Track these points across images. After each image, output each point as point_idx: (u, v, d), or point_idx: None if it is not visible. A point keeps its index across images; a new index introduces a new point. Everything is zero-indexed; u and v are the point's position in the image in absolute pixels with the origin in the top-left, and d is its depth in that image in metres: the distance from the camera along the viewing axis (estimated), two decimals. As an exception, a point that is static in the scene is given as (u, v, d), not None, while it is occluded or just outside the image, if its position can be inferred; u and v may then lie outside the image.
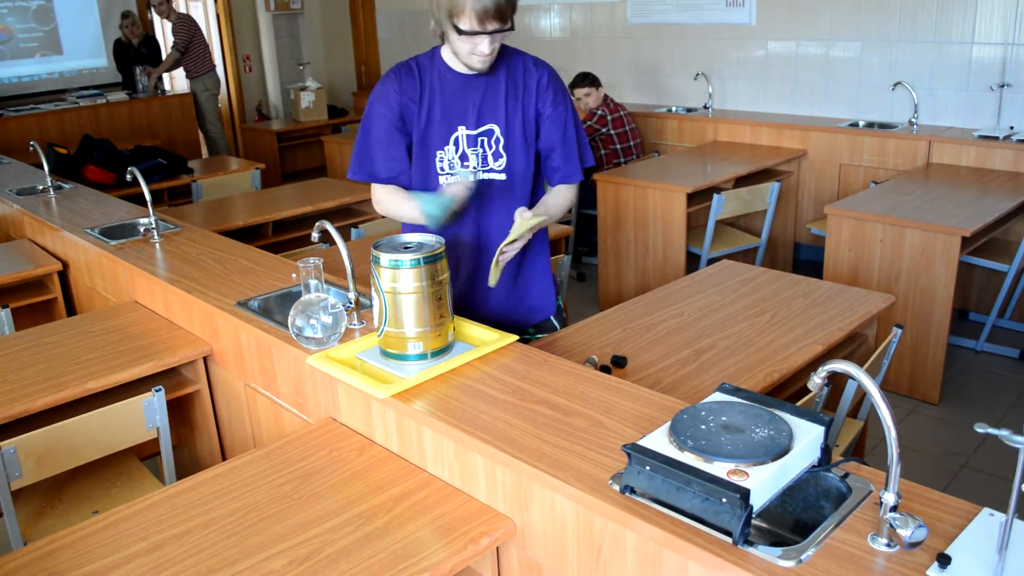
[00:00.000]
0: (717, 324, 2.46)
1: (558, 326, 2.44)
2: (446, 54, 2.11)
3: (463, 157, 2.13)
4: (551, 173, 2.22)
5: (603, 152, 5.33)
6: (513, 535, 1.63)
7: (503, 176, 2.15)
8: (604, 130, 5.27)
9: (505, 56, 2.12)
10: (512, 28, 1.97)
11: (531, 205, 2.21)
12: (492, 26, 1.93)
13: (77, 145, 5.41)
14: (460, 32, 1.94)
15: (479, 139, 2.12)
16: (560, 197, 2.23)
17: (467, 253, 2.22)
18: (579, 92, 5.29)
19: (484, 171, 2.15)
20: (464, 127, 2.12)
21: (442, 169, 2.14)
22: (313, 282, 2.08)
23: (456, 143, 2.13)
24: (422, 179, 2.15)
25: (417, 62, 2.14)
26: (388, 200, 2.18)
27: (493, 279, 2.10)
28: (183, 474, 2.08)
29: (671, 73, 6.07)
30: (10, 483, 2.03)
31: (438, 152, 2.13)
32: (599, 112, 5.25)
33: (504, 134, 2.12)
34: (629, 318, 2.54)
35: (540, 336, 2.39)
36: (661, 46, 6.07)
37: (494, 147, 2.13)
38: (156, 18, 8.98)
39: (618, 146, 5.30)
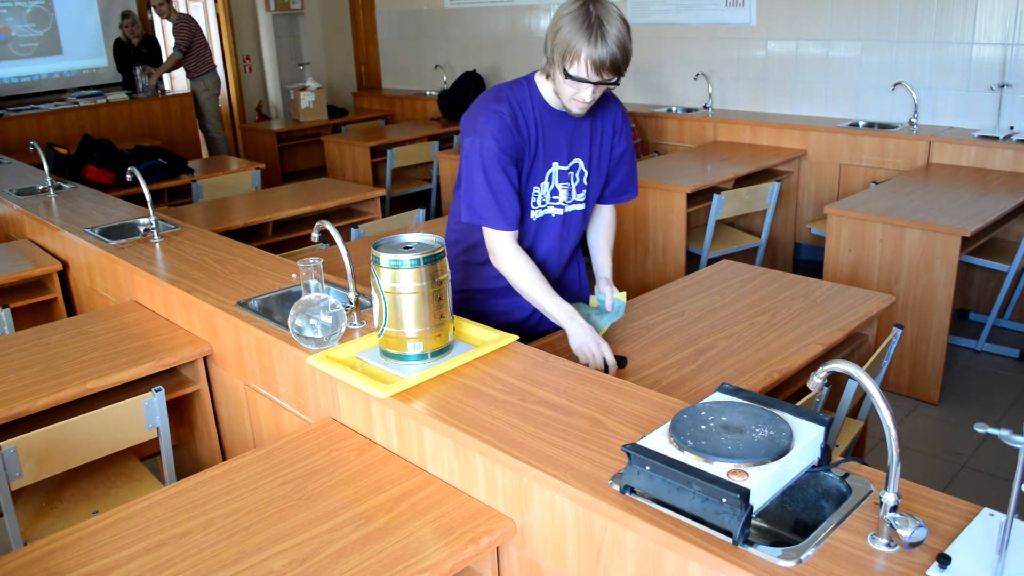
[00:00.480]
0: (717, 324, 2.46)
1: None
2: (544, 88, 2.09)
3: (554, 192, 2.20)
4: (603, 197, 2.34)
5: None
6: (513, 535, 1.63)
7: (583, 206, 2.27)
8: None
9: None
10: (619, 82, 1.97)
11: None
12: (603, 77, 1.91)
13: (77, 145, 5.41)
14: (568, 76, 1.93)
15: (568, 174, 2.19)
16: (611, 226, 2.40)
17: (549, 277, 2.27)
18: None
19: (570, 203, 2.24)
20: (558, 163, 2.16)
21: (534, 204, 2.19)
22: (313, 282, 2.08)
23: (550, 179, 2.18)
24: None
25: (516, 95, 2.08)
26: (526, 274, 2.11)
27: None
28: (183, 474, 2.08)
29: (671, 73, 6.07)
30: (10, 483, 2.03)
31: (535, 188, 2.17)
32: None
33: (588, 167, 2.21)
34: (629, 318, 2.54)
35: None
36: (661, 46, 6.07)
37: (579, 180, 2.21)
38: (156, 18, 8.99)
39: None
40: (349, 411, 1.98)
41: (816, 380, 1.38)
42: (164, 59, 8.35)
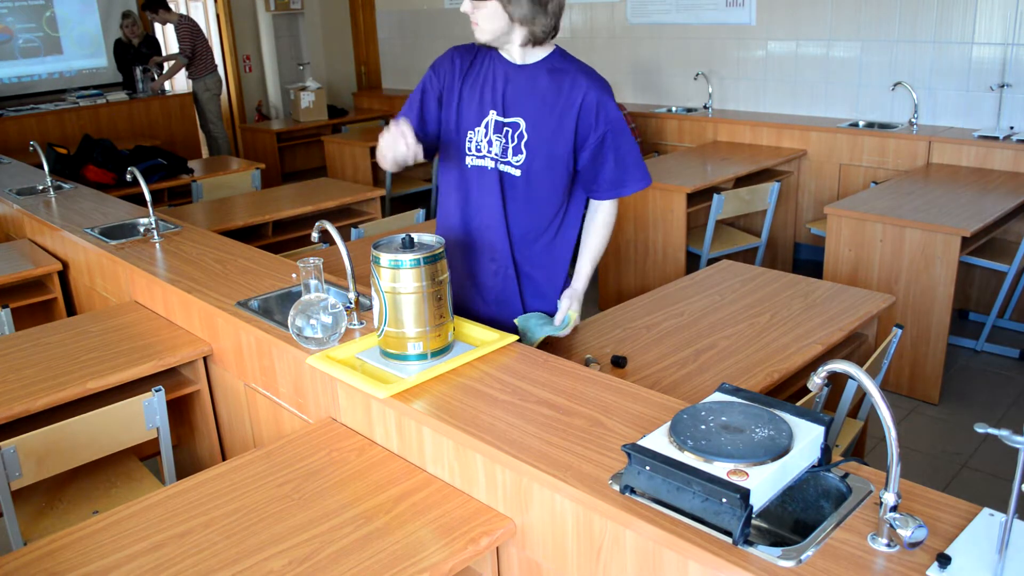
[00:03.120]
0: (717, 324, 2.46)
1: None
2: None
3: (489, 142, 2.15)
4: (595, 190, 2.21)
5: None
6: (513, 535, 1.63)
7: (518, 172, 2.14)
8: None
9: (559, 59, 2.13)
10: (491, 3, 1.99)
11: (559, 217, 2.22)
12: None
13: (77, 145, 5.41)
14: None
15: (504, 128, 2.13)
16: (601, 229, 2.28)
17: (485, 241, 2.20)
18: None
19: (503, 162, 2.15)
20: (495, 112, 2.13)
21: (469, 149, 2.17)
22: (313, 282, 2.08)
23: (487, 127, 2.14)
24: (455, 156, 2.18)
25: (479, 45, 2.18)
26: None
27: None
28: (183, 474, 2.09)
29: (671, 73, 6.07)
30: (10, 483, 2.03)
31: (469, 132, 2.16)
32: None
33: (528, 130, 2.11)
34: (629, 318, 2.54)
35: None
36: (661, 46, 6.07)
37: (516, 141, 2.13)
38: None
39: None
40: (349, 411, 1.98)
41: (816, 380, 1.38)
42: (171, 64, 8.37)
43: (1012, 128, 4.49)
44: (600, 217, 2.27)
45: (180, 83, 8.68)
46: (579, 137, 2.11)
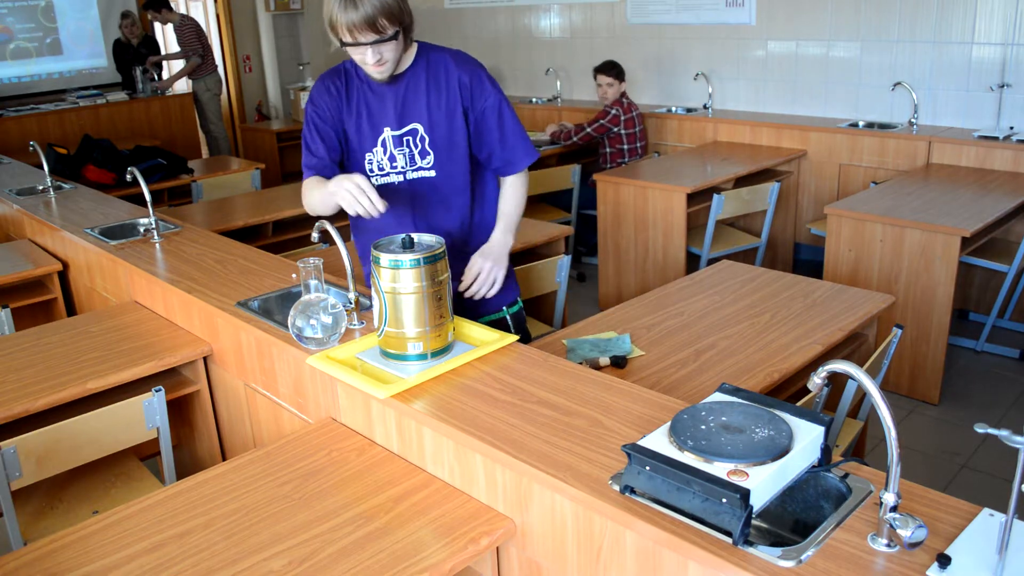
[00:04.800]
0: (717, 324, 2.46)
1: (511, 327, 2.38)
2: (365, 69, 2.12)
3: (391, 158, 2.17)
4: (497, 167, 2.24)
5: (608, 151, 5.31)
6: (513, 535, 1.63)
7: (433, 173, 2.17)
8: (616, 130, 5.25)
9: (426, 54, 2.15)
10: (394, 37, 1.97)
11: (475, 202, 2.25)
12: (366, 38, 1.94)
13: (77, 145, 5.41)
14: (342, 43, 1.98)
15: (404, 139, 2.15)
16: (512, 196, 2.26)
17: None
18: (602, 80, 5.25)
19: (413, 170, 2.17)
20: (389, 128, 2.15)
21: (372, 171, 2.18)
22: (313, 282, 2.08)
23: (384, 145, 2.16)
24: None
25: (343, 68, 2.17)
26: (309, 187, 2.13)
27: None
28: (183, 474, 2.09)
29: (671, 73, 6.07)
30: (10, 483, 2.03)
31: (367, 155, 2.17)
32: (613, 111, 5.22)
33: (428, 132, 2.15)
34: (629, 318, 2.54)
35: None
36: (661, 46, 6.07)
37: (420, 145, 2.16)
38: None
39: (625, 146, 5.28)
40: (349, 411, 1.98)
41: (816, 380, 1.38)
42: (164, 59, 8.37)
43: (1012, 128, 4.49)
44: (508, 183, 2.27)
45: (180, 83, 8.67)
46: (466, 119, 2.16)
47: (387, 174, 2.18)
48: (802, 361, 2.24)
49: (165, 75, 8.10)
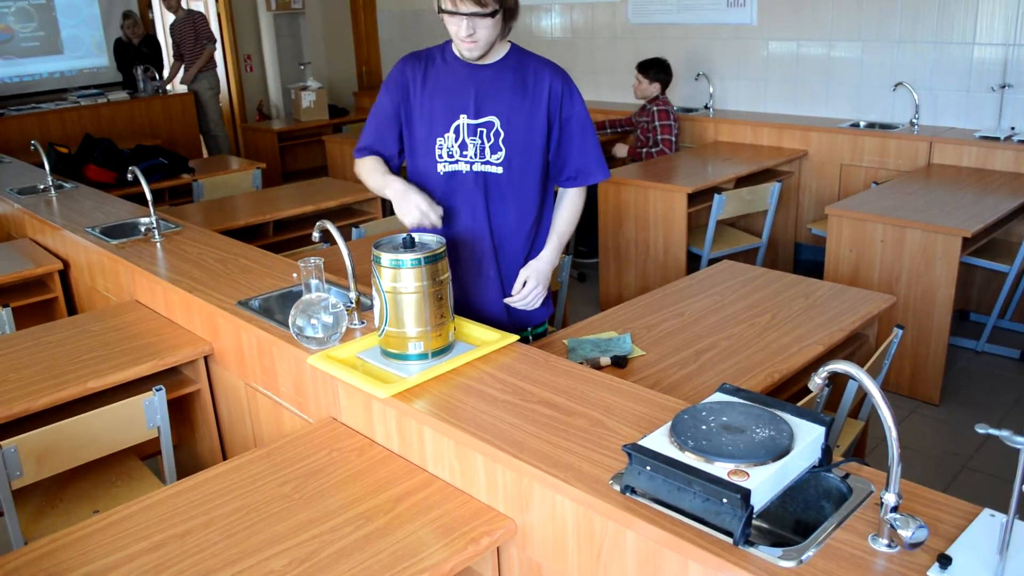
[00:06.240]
0: (718, 324, 2.46)
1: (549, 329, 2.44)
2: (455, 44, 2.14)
3: (463, 146, 2.15)
4: (563, 178, 2.25)
5: (656, 148, 5.20)
6: (514, 535, 1.63)
7: (500, 170, 2.16)
8: (672, 129, 5.15)
9: (518, 55, 2.16)
10: (492, 14, 1.98)
11: (540, 208, 2.25)
12: (467, 8, 1.96)
13: (78, 144, 5.41)
14: (440, 10, 2.01)
15: (479, 129, 2.13)
16: (568, 212, 2.28)
17: (466, 247, 2.22)
18: (643, 77, 5.12)
19: (481, 162, 2.16)
20: (465, 115, 2.13)
21: (441, 156, 2.17)
22: (314, 282, 2.08)
23: (457, 131, 2.14)
24: (425, 165, 2.19)
25: (428, 51, 2.19)
26: (367, 169, 2.25)
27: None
28: (184, 474, 2.08)
29: (672, 73, 6.05)
30: (11, 482, 2.03)
31: (438, 139, 2.15)
32: (671, 115, 5.13)
33: (504, 128, 2.13)
34: (630, 318, 2.54)
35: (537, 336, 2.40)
36: (662, 46, 6.07)
37: (493, 140, 2.14)
38: (157, 18, 9.00)
39: (672, 136, 5.18)
40: (350, 411, 1.98)
41: (817, 380, 1.38)
42: (164, 59, 8.37)
43: (1013, 129, 4.49)
44: (568, 198, 2.29)
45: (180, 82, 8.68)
46: (550, 126, 2.16)
47: (456, 161, 2.16)
48: (803, 361, 2.24)
49: (165, 74, 8.11)
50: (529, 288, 2.22)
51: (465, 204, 2.18)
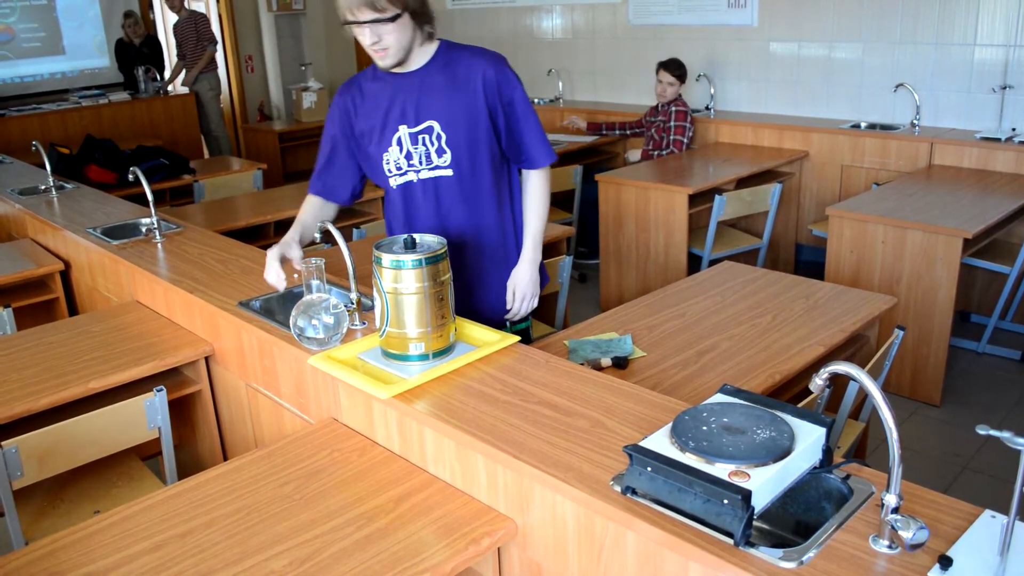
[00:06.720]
0: (718, 325, 2.46)
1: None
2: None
3: (408, 156, 2.16)
4: (522, 160, 2.23)
5: (667, 150, 5.21)
6: (514, 536, 1.63)
7: (449, 172, 2.16)
8: (686, 131, 5.17)
9: (447, 53, 2.14)
10: (393, 19, 1.96)
11: (504, 199, 2.25)
12: (364, 16, 1.94)
13: (79, 145, 5.42)
14: (345, 22, 1.99)
15: (420, 136, 2.13)
16: (536, 203, 2.25)
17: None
18: (664, 77, 5.12)
19: (429, 168, 2.16)
20: (405, 126, 2.14)
21: (390, 171, 2.18)
22: (315, 282, 2.09)
23: (400, 143, 2.15)
24: (382, 183, 2.24)
25: (357, 76, 2.23)
26: (300, 210, 2.38)
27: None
28: (184, 474, 2.08)
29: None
30: (12, 483, 2.04)
31: (384, 155, 2.17)
32: (688, 116, 5.15)
33: (445, 130, 2.12)
34: (631, 319, 2.54)
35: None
36: (663, 47, 6.06)
37: (436, 143, 2.14)
38: (158, 18, 9.01)
39: (685, 138, 5.20)
40: (351, 411, 1.98)
41: (818, 382, 1.38)
42: (166, 59, 8.37)
43: (1014, 130, 4.49)
44: (531, 190, 2.26)
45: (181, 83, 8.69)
46: (493, 115, 2.14)
47: (404, 172, 2.17)
48: (803, 362, 2.24)
49: (167, 74, 8.11)
50: (518, 298, 2.25)
51: (418, 211, 2.21)
